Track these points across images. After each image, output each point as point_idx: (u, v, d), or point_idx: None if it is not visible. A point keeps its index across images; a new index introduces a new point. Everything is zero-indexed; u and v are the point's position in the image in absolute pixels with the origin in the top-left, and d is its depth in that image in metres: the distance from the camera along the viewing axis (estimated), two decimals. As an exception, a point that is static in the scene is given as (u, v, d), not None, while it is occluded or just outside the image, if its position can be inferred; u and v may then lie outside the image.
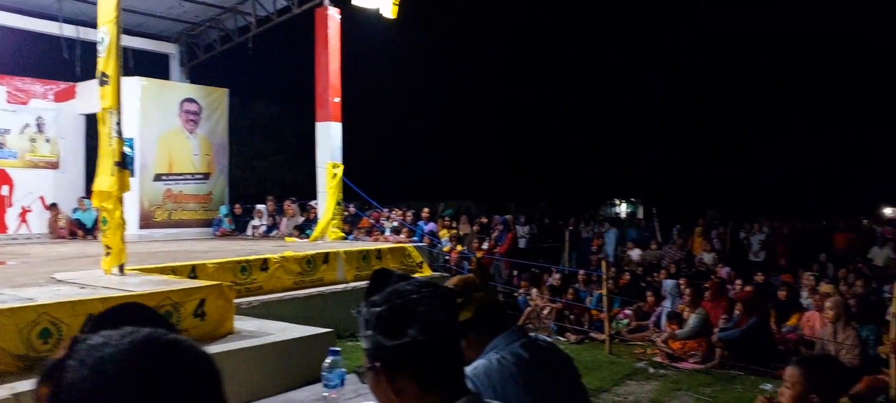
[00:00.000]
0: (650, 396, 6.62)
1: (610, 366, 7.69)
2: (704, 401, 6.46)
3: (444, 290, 1.48)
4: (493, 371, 2.09)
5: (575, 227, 16.94)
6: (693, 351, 8.03)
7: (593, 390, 6.67)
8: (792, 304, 9.80)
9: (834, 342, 7.13)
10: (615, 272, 11.59)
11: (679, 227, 17.34)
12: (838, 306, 7.23)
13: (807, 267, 12.42)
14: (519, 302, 10.08)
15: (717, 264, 13.63)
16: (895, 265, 13.48)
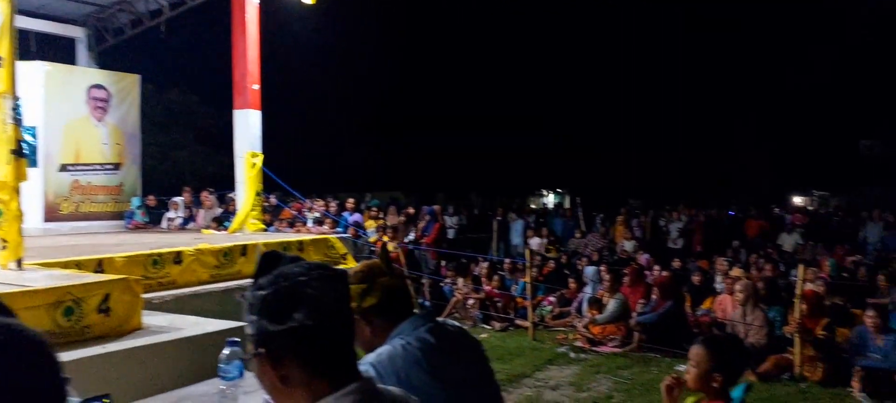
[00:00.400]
0: (570, 380, 6.73)
1: (532, 352, 7.79)
2: (622, 384, 6.60)
3: (334, 273, 1.41)
4: (398, 356, 2.06)
5: (503, 217, 17.09)
6: (612, 336, 8.22)
7: (516, 375, 6.76)
8: (706, 288, 10.16)
9: (743, 323, 7.43)
10: (540, 261, 11.75)
11: (602, 216, 17.75)
12: (747, 289, 7.53)
13: (721, 253, 12.94)
14: (445, 291, 10.08)
15: (637, 251, 14.02)
16: (802, 250, 14.15)
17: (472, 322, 9.36)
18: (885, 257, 12.71)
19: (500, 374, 6.65)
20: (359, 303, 2.09)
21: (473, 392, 2.28)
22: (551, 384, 6.60)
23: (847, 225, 16.37)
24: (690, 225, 16.41)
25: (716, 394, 3.05)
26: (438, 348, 2.14)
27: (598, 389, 6.48)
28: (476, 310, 9.40)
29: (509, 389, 6.35)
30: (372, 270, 2.23)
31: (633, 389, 6.39)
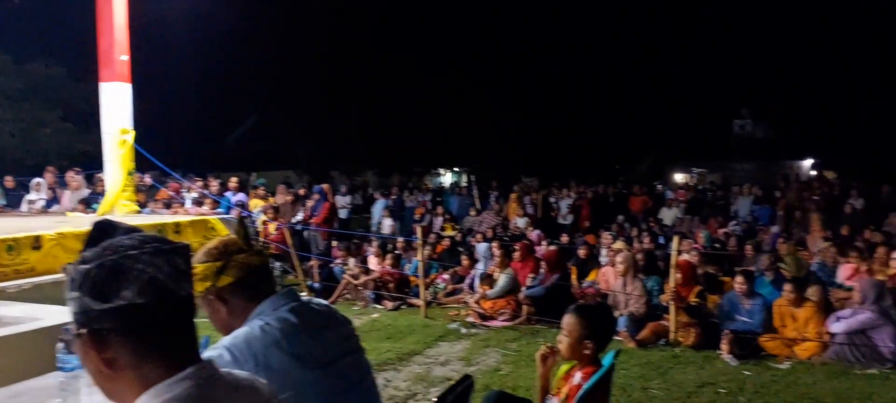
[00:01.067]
0: (460, 355, 6.76)
1: (424, 330, 7.78)
2: (510, 356, 6.70)
3: (173, 246, 1.27)
4: (255, 338, 1.95)
5: (398, 196, 17.00)
6: (503, 310, 8.34)
7: (406, 353, 6.72)
8: (592, 261, 10.52)
9: (623, 293, 7.72)
10: (435, 239, 11.78)
11: (496, 194, 18.02)
12: (627, 261, 7.82)
13: (607, 228, 13.45)
14: (335, 272, 9.89)
15: (529, 227, 14.34)
16: (680, 224, 14.95)
17: (364, 302, 9.25)
18: (754, 228, 13.63)
19: (389, 353, 6.66)
20: (213, 282, 1.98)
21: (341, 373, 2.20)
22: (441, 360, 6.61)
23: (720, 199, 17.37)
24: (579, 202, 16.97)
25: (588, 361, 3.11)
26: (301, 328, 2.06)
27: (486, 362, 6.54)
28: (368, 290, 9.28)
29: (399, 367, 6.30)
30: (228, 246, 2.09)
31: (520, 360, 6.49)
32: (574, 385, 3.07)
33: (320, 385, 2.04)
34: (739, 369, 6.21)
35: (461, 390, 2.66)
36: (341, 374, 2.16)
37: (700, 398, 5.36)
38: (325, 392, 2.06)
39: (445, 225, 14.93)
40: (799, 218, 14.21)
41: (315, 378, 2.02)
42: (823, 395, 5.39)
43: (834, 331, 6.45)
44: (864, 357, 6.24)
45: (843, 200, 14.45)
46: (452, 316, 8.63)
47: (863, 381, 5.82)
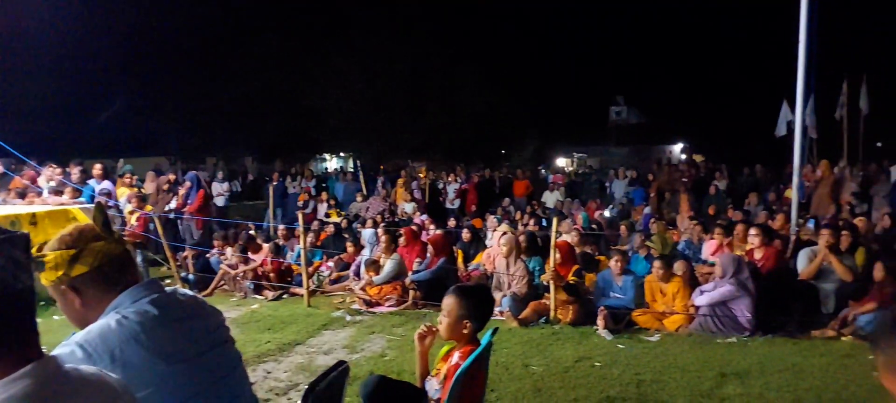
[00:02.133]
0: (344, 343, 6.65)
1: (307, 319, 7.59)
2: (396, 341, 6.66)
3: (8, 235, 1.15)
4: (111, 333, 1.83)
5: (280, 183, 16.52)
6: (389, 295, 8.29)
7: (287, 343, 6.53)
8: (478, 244, 10.69)
9: (507, 274, 7.87)
10: (318, 226, 11.53)
11: (383, 179, 17.91)
12: (510, 243, 7.98)
13: (493, 212, 13.72)
14: (212, 263, 9.46)
15: (416, 212, 14.37)
16: (561, 206, 15.47)
17: (243, 293, 8.91)
18: (628, 209, 14.33)
19: (269, 344, 6.44)
20: (66, 271, 1.85)
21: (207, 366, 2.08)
22: (325, 348, 6.47)
23: (597, 182, 18.12)
24: (465, 187, 17.19)
25: (467, 340, 3.12)
26: (163, 320, 1.95)
27: (372, 348, 6.47)
28: (247, 281, 8.94)
29: (279, 358, 6.11)
30: (83, 233, 1.95)
31: (406, 345, 6.45)
32: (452, 364, 3.07)
33: (185, 379, 1.94)
34: (614, 343, 6.48)
35: (335, 375, 2.58)
36: (208, 367, 2.06)
37: (577, 372, 5.54)
38: (191, 387, 1.96)
39: (330, 212, 14.68)
40: (669, 199, 15.08)
41: (179, 371, 1.93)
42: (689, 363, 5.72)
43: (698, 304, 6.87)
44: (724, 327, 6.68)
45: (708, 182, 15.44)
46: (337, 304, 8.48)
47: (723, 348, 6.24)
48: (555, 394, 5.01)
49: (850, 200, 12.13)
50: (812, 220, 10.50)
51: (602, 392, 5.00)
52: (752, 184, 15.27)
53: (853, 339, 6.35)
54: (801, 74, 9.09)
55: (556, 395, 4.99)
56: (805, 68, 9.05)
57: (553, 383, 5.26)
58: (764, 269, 7.47)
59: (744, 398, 4.85)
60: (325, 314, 7.88)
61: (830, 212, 11.34)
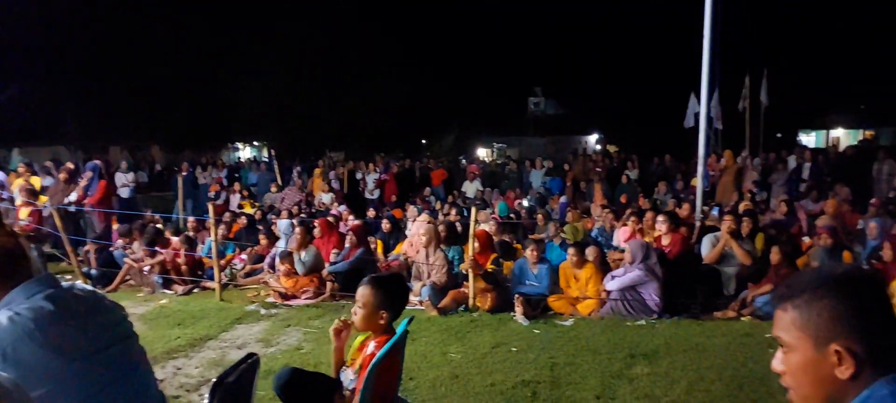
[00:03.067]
0: (258, 337, 6.49)
1: (219, 313, 7.36)
2: (312, 334, 6.55)
3: None
4: (2, 331, 1.78)
5: (190, 173, 15.94)
6: (305, 288, 8.14)
7: (198, 339, 6.33)
8: (398, 234, 10.64)
9: (427, 263, 7.87)
10: (231, 218, 11.19)
11: (299, 169, 17.58)
12: (429, 233, 7.99)
13: (413, 202, 13.71)
14: (116, 257, 9.01)
15: (334, 203, 14.17)
16: (481, 195, 15.63)
17: (150, 288, 8.54)
18: (545, 198, 14.62)
19: (179, 339, 6.22)
20: None
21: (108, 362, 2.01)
22: (238, 343, 6.29)
23: (515, 172, 18.39)
24: (385, 176, 17.09)
25: (382, 330, 3.09)
26: (58, 317, 1.89)
27: (287, 342, 6.34)
28: (154, 275, 8.58)
29: (190, 353, 5.90)
30: None
31: (322, 338, 6.35)
32: (368, 354, 3.05)
33: (84, 376, 1.89)
34: (530, 328, 6.60)
35: (244, 368, 2.52)
36: (109, 363, 2.01)
37: (494, 357, 5.61)
38: (91, 384, 1.91)
39: (243, 203, 14.28)
40: (584, 188, 15.50)
41: (77, 369, 1.88)
42: (600, 346, 5.89)
43: (609, 289, 7.08)
44: (634, 310, 6.92)
45: (621, 172, 15.95)
46: (251, 297, 8.26)
47: (633, 331, 6.46)
48: (472, 380, 5.05)
49: (751, 188, 12.79)
50: (716, 208, 11.01)
51: (517, 376, 5.08)
52: (661, 173, 15.87)
53: (752, 319, 6.72)
54: (706, 69, 9.49)
55: (473, 381, 5.03)
56: (710, 63, 9.46)
57: (470, 369, 5.30)
58: (671, 255, 7.77)
59: (651, 377, 5.03)
60: (239, 308, 7.66)
61: (733, 200, 11.93)
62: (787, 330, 1.36)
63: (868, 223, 8.69)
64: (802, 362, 1.34)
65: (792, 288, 1.38)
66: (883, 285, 1.41)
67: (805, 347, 1.33)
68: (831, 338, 1.30)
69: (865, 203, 10.47)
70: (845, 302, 1.30)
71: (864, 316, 1.30)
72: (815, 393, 1.34)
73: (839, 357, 1.29)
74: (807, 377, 1.34)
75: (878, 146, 21.61)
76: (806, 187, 12.42)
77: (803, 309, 1.34)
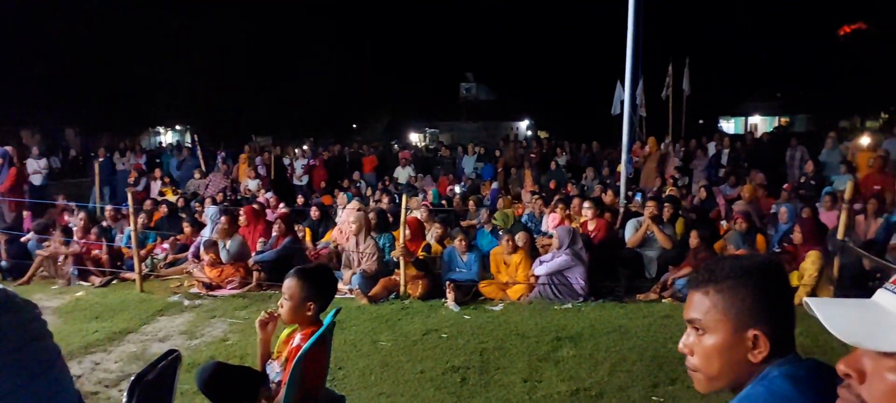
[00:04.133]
0: (182, 329, 6.30)
1: (140, 305, 7.10)
2: (239, 325, 6.41)
3: None
4: None
5: (107, 158, 15.27)
6: (231, 278, 7.94)
7: (118, 332, 6.11)
8: (328, 222, 10.51)
9: (357, 251, 7.80)
10: (151, 206, 10.79)
11: (224, 155, 17.10)
12: (359, 220, 7.90)
13: (343, 189, 13.54)
14: (29, 247, 8.56)
15: (260, 190, 13.85)
16: (413, 181, 15.59)
17: (65, 280, 8.16)
18: (477, 185, 14.73)
19: (97, 333, 5.98)
20: None
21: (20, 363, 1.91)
22: (160, 336, 6.09)
23: (448, 158, 18.43)
24: (314, 162, 16.83)
25: (310, 322, 3.05)
26: None
27: (212, 333, 6.18)
28: (70, 266, 8.19)
29: (109, 348, 5.68)
30: None
31: (249, 329, 6.22)
32: (294, 347, 3.00)
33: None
34: (461, 314, 6.65)
35: (165, 364, 2.43)
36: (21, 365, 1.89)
37: (424, 344, 5.62)
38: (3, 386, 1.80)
39: (164, 190, 13.78)
40: (515, 174, 15.69)
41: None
42: (528, 329, 5.99)
43: (538, 274, 7.20)
44: (561, 294, 7.07)
45: (551, 158, 16.21)
46: (174, 288, 8.00)
47: (560, 314, 6.60)
48: (402, 367, 5.05)
49: (673, 174, 13.23)
50: (639, 193, 11.34)
51: (448, 362, 5.11)
52: (589, 159, 16.22)
53: (672, 301, 6.96)
54: (630, 58, 9.74)
55: (403, 368, 5.03)
56: (634, 52, 9.71)
57: (401, 356, 5.30)
58: (596, 239, 7.98)
59: (576, 359, 5.16)
60: (161, 299, 7.41)
61: (657, 185, 12.33)
62: (706, 313, 1.41)
63: (780, 207, 9.13)
64: (718, 344, 1.39)
65: (714, 273, 1.43)
66: (787, 275, 1.49)
67: (724, 330, 1.39)
68: (750, 324, 1.37)
69: (780, 188, 10.99)
70: (764, 291, 1.38)
71: (776, 304, 1.39)
72: (724, 374, 1.40)
73: (755, 341, 1.35)
74: (721, 358, 1.40)
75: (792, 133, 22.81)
76: (724, 173, 12.91)
77: (726, 294, 1.39)
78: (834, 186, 10.37)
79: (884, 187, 9.99)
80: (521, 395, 4.46)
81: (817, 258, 6.76)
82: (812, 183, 11.44)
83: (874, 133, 15.03)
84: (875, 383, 0.97)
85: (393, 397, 4.49)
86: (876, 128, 24.04)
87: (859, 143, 12.86)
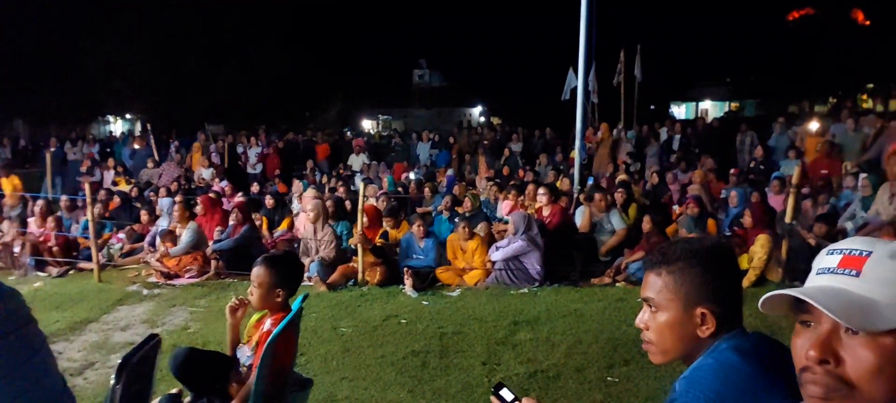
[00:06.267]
0: (143, 318, 6.32)
1: (99, 295, 7.08)
2: (199, 312, 6.46)
3: None
4: None
5: (58, 149, 14.91)
6: (189, 267, 7.94)
7: (79, 322, 6.12)
8: (283, 210, 10.53)
9: (315, 239, 7.88)
10: (106, 196, 10.63)
11: (177, 144, 16.84)
12: (317, 208, 7.98)
13: (299, 176, 13.51)
14: (-20, 239, 8.40)
15: (215, 178, 13.74)
16: (367, 169, 15.57)
17: (22, 270, 8.04)
18: (433, 171, 14.86)
19: (59, 323, 6.00)
20: None
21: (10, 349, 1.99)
22: (121, 325, 6.11)
23: (400, 144, 18.50)
24: (267, 150, 16.71)
25: (279, 308, 3.16)
26: None
27: (174, 322, 6.22)
28: (26, 256, 8.07)
29: (71, 337, 5.69)
30: None
31: (209, 316, 6.30)
32: (264, 331, 3.10)
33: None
34: (419, 300, 6.81)
35: (147, 348, 2.53)
36: (11, 349, 1.98)
37: (385, 330, 5.77)
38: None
39: (117, 179, 13.55)
40: (469, 160, 15.87)
41: None
42: (486, 314, 6.19)
43: (494, 259, 7.40)
44: (517, 279, 7.29)
45: (505, 144, 16.42)
46: (132, 277, 7.97)
47: (517, 299, 6.82)
48: (363, 352, 5.19)
49: (626, 159, 13.59)
50: (591, 178, 11.61)
51: (408, 347, 5.27)
52: (542, 145, 16.49)
53: (625, 285, 7.24)
54: (583, 44, 9.96)
55: (364, 353, 5.17)
56: (586, 38, 9.92)
57: (361, 342, 5.44)
58: (550, 225, 8.21)
59: (533, 342, 5.37)
60: (119, 289, 7.39)
61: (609, 171, 12.65)
62: (658, 293, 1.59)
63: (730, 192, 9.50)
64: (670, 321, 1.57)
65: (666, 255, 1.60)
66: (735, 257, 1.68)
67: (675, 308, 1.56)
68: (698, 302, 1.53)
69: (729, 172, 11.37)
70: (711, 272, 1.55)
71: (723, 284, 1.56)
72: (675, 348, 1.57)
73: (703, 318, 1.53)
74: (673, 334, 1.56)
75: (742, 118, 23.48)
76: (676, 158, 13.28)
77: (676, 275, 1.56)
78: (782, 171, 10.77)
79: (830, 172, 10.42)
80: (480, 378, 4.64)
81: (766, 241, 7.06)
82: (761, 167, 11.88)
83: (822, 118, 15.61)
84: (858, 363, 1.01)
85: (355, 381, 4.63)
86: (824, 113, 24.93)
87: (807, 129, 13.30)
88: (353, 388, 4.50)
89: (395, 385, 4.54)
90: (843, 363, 1.03)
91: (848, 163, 10.74)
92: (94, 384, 4.66)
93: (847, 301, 1.03)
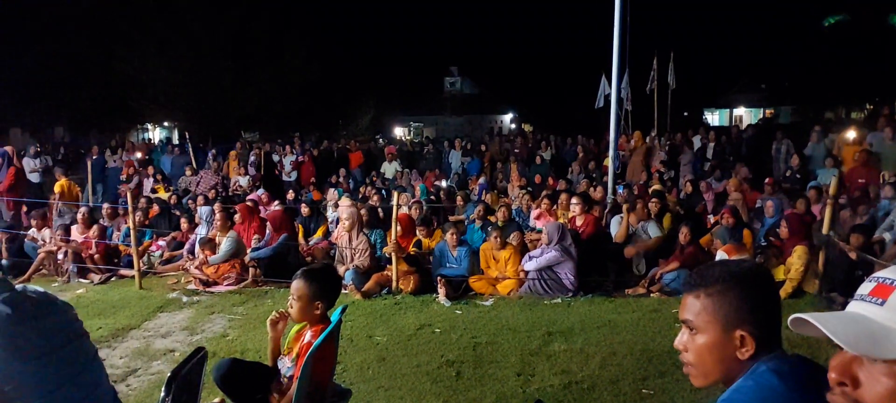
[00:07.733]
0: (183, 325, 6.46)
1: (140, 302, 7.25)
2: (237, 320, 6.58)
3: None
4: None
5: (99, 156, 15.30)
6: (227, 274, 8.09)
7: (121, 328, 6.26)
8: (318, 218, 10.66)
9: (350, 248, 7.97)
10: (146, 203, 10.89)
11: (214, 152, 17.15)
12: (352, 216, 8.07)
13: (332, 185, 13.67)
14: (27, 247, 8.66)
15: (251, 186, 13.96)
16: (400, 177, 15.70)
17: (65, 278, 8.28)
18: (465, 180, 14.89)
19: (101, 330, 6.15)
20: None
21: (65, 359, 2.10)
22: (162, 331, 6.25)
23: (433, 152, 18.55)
24: (302, 159, 16.90)
25: (318, 320, 3.22)
26: (15, 319, 2.01)
27: (212, 329, 6.34)
28: (69, 264, 8.31)
29: (114, 344, 5.84)
30: None
31: (247, 324, 6.41)
32: (305, 343, 3.17)
33: (44, 374, 1.97)
34: (452, 309, 6.85)
35: (195, 362, 2.62)
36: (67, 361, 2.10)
37: (419, 339, 5.82)
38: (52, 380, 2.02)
39: (157, 187, 13.86)
40: (501, 168, 15.86)
41: (37, 367, 1.95)
42: (519, 324, 6.20)
43: (527, 269, 7.41)
44: (551, 290, 7.28)
45: (535, 152, 16.36)
46: (172, 285, 8.15)
47: (550, 309, 6.82)
48: (398, 361, 5.24)
49: (659, 168, 13.45)
50: (620, 187, 11.49)
51: (442, 356, 5.31)
52: (574, 153, 16.40)
53: (660, 296, 7.19)
54: (617, 50, 9.90)
55: (399, 362, 5.22)
56: (619, 45, 9.86)
57: (397, 351, 5.49)
58: (584, 235, 8.19)
59: (567, 353, 5.37)
60: (160, 296, 7.56)
61: (643, 179, 12.54)
62: (697, 315, 1.60)
63: (765, 201, 9.36)
64: (709, 343, 1.58)
65: (704, 278, 1.62)
66: (773, 279, 1.69)
67: (714, 330, 1.57)
68: (737, 325, 1.54)
69: (764, 181, 11.18)
70: (750, 294, 1.56)
71: (761, 306, 1.57)
72: (715, 370, 1.58)
73: (742, 341, 1.54)
74: (712, 356, 1.57)
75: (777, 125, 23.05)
76: (710, 166, 13.10)
77: (715, 298, 1.57)
78: (819, 180, 10.53)
79: (868, 181, 10.23)
80: (515, 388, 4.66)
81: (804, 252, 6.96)
82: (797, 177, 11.67)
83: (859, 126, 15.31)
84: (873, 387, 1.06)
85: (391, 390, 4.68)
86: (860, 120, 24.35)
87: (845, 137, 13.04)
88: (390, 398, 4.55)
89: (431, 395, 4.57)
90: (861, 386, 1.07)
91: (886, 172, 10.52)
92: (137, 391, 4.78)
93: (861, 329, 1.07)
